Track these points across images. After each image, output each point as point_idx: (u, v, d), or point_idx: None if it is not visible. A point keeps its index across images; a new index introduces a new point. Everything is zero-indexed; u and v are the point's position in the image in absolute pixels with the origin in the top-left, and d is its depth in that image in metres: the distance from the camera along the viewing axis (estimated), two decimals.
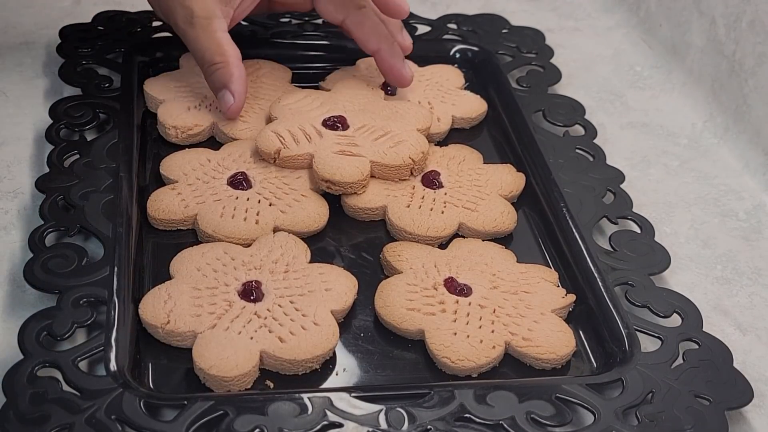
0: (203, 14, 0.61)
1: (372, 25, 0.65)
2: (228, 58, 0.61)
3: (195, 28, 0.61)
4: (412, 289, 0.53)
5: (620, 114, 0.73)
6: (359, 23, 0.65)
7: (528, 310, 0.53)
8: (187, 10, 0.61)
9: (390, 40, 0.65)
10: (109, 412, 0.45)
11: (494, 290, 0.54)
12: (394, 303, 0.53)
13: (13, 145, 0.63)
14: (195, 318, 0.50)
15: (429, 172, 0.62)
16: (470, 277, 0.55)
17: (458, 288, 0.54)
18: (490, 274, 0.55)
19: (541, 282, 0.55)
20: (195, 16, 0.61)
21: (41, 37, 0.74)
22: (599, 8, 0.87)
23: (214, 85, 0.62)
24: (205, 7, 0.61)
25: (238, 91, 0.61)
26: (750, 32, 0.69)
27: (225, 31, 0.62)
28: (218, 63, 0.61)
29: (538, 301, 0.54)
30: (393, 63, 0.65)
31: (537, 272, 0.56)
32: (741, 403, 0.49)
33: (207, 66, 0.61)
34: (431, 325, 0.51)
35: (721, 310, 0.57)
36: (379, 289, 0.53)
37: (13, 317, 0.51)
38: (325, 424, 0.45)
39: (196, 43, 0.61)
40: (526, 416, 0.46)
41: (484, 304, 0.53)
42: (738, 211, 0.65)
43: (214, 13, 0.61)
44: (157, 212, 0.57)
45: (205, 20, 0.61)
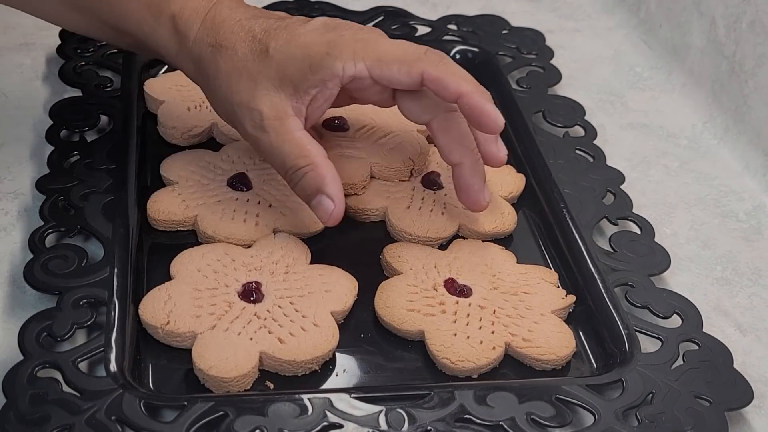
0: (274, 115, 0.53)
1: (459, 134, 0.55)
2: (314, 159, 0.53)
3: (268, 133, 0.53)
4: (412, 290, 0.53)
5: (620, 115, 0.73)
6: (446, 129, 0.55)
7: (528, 310, 0.53)
8: (255, 113, 0.53)
9: (475, 155, 0.56)
10: (109, 412, 0.45)
11: (494, 291, 0.54)
12: (394, 304, 0.53)
13: (14, 145, 0.63)
14: (195, 319, 0.50)
15: (429, 173, 0.62)
16: (470, 278, 0.55)
17: (458, 289, 0.54)
18: (490, 275, 0.55)
19: (541, 283, 0.55)
20: (265, 118, 0.53)
21: (41, 38, 0.74)
22: (599, 9, 0.87)
23: (304, 192, 0.54)
24: (274, 107, 0.53)
25: (336, 194, 0.53)
26: (750, 33, 0.69)
27: (302, 130, 0.53)
28: (303, 167, 0.53)
29: (538, 302, 0.54)
30: (471, 183, 0.56)
31: (537, 273, 0.56)
32: (741, 403, 0.49)
33: (290, 172, 0.53)
34: (431, 326, 0.51)
35: (721, 311, 0.57)
36: (379, 290, 0.53)
37: (13, 318, 0.51)
38: (325, 425, 0.45)
39: (271, 149, 0.53)
40: (526, 417, 0.46)
41: (484, 304, 0.53)
42: (738, 212, 0.65)
43: (286, 111, 0.53)
44: (158, 213, 0.57)
45: (277, 121, 0.53)
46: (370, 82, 0.53)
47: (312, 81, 0.52)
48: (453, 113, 0.55)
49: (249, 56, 0.53)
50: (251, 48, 0.53)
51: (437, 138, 0.56)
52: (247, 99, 0.53)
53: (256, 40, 0.53)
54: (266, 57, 0.53)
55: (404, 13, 0.79)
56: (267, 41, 0.53)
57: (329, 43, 0.52)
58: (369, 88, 0.54)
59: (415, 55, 0.53)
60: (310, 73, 0.52)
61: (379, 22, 0.77)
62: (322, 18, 0.55)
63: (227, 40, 0.54)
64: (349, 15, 0.78)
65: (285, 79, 0.53)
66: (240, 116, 0.54)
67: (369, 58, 0.52)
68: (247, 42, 0.53)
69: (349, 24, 0.54)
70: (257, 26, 0.54)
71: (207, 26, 0.54)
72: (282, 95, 0.53)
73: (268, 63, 0.53)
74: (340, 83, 0.53)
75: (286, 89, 0.53)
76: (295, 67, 0.52)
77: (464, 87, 0.52)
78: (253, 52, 0.53)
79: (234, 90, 0.53)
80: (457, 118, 0.55)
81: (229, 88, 0.54)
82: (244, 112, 0.53)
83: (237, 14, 0.55)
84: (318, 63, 0.52)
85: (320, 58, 0.52)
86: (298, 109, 0.53)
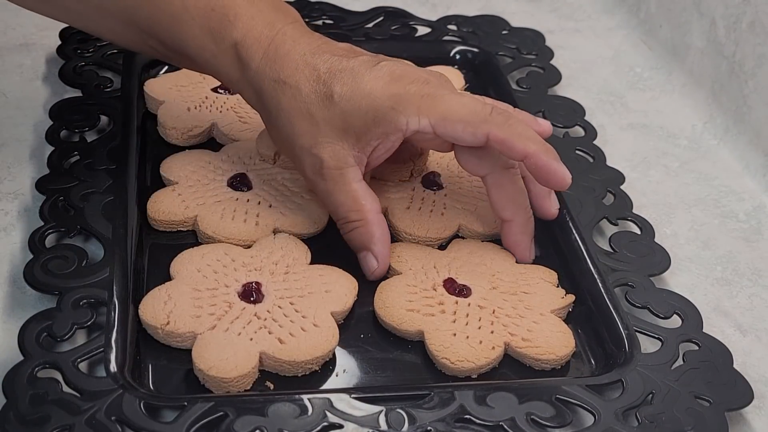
0: (334, 164, 0.53)
1: (514, 192, 0.55)
2: (366, 215, 0.54)
3: (326, 180, 0.53)
4: (412, 290, 0.53)
5: (620, 115, 0.73)
6: (501, 185, 0.55)
7: (527, 310, 0.53)
8: (316, 159, 0.53)
9: (527, 213, 0.56)
10: (109, 413, 0.45)
11: (493, 291, 0.54)
12: (393, 304, 0.53)
13: (14, 146, 0.63)
14: (195, 319, 0.50)
15: (429, 174, 0.62)
16: (469, 278, 0.55)
17: (457, 289, 0.54)
18: (489, 274, 0.55)
19: (541, 282, 0.55)
20: (325, 167, 0.53)
21: (41, 39, 0.74)
22: (599, 9, 0.87)
23: (353, 244, 0.55)
24: (335, 156, 0.53)
25: (381, 254, 0.54)
26: (750, 33, 0.69)
27: (360, 181, 0.54)
28: (355, 222, 0.54)
29: (538, 301, 0.54)
30: (520, 240, 0.56)
31: (536, 273, 0.56)
32: (741, 404, 0.49)
33: (342, 222, 0.55)
34: (430, 326, 0.51)
35: (721, 312, 0.57)
36: (379, 290, 0.54)
37: (13, 318, 0.51)
38: (325, 425, 0.45)
39: (327, 196, 0.54)
40: (526, 417, 0.46)
41: (483, 304, 0.53)
42: (738, 212, 0.65)
43: (347, 161, 0.53)
44: (158, 213, 0.57)
45: (337, 171, 0.53)
46: (432, 136, 0.53)
47: (375, 133, 0.53)
48: (509, 170, 0.55)
49: (312, 98, 0.53)
50: (315, 90, 0.53)
51: (491, 193, 0.56)
52: (309, 144, 0.53)
53: (321, 81, 0.53)
54: (331, 102, 0.53)
55: (404, 14, 0.79)
56: (331, 85, 0.53)
57: (394, 97, 0.52)
58: (430, 140, 0.54)
59: (480, 116, 0.53)
60: (374, 126, 0.53)
61: (379, 23, 0.77)
62: (388, 64, 0.54)
63: (291, 78, 0.53)
64: (350, 15, 0.78)
65: (349, 130, 0.53)
66: (301, 158, 0.54)
67: (434, 116, 0.52)
68: (311, 82, 0.53)
69: (415, 74, 0.54)
70: (322, 65, 0.53)
71: (270, 57, 0.54)
72: (344, 145, 0.53)
73: (332, 109, 0.53)
74: (402, 137, 0.53)
75: (349, 139, 0.53)
76: (359, 119, 0.52)
77: (531, 148, 0.52)
78: (317, 95, 0.53)
79: (297, 131, 0.53)
80: (513, 176, 0.55)
81: (291, 128, 0.54)
82: (305, 156, 0.54)
83: (301, 47, 0.54)
84: (382, 117, 0.52)
85: (384, 113, 0.52)
86: (359, 158, 0.54)
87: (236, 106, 0.66)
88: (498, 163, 0.55)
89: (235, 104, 0.66)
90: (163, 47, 0.56)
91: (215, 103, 0.66)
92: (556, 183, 0.53)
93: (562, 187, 0.54)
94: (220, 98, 0.67)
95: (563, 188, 0.54)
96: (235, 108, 0.66)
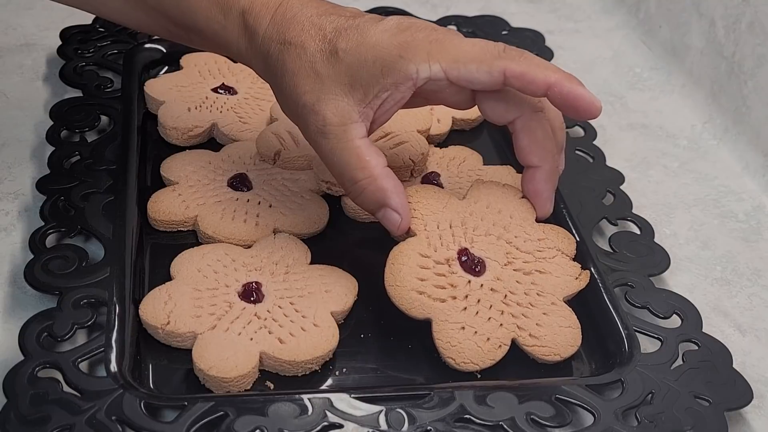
0: (337, 121, 0.51)
1: (543, 136, 0.53)
2: (372, 171, 0.51)
3: (328, 139, 0.51)
4: (424, 264, 0.52)
5: (620, 115, 0.74)
6: (529, 129, 0.53)
7: (539, 297, 0.52)
8: (318, 117, 0.51)
9: (554, 160, 0.54)
10: (109, 413, 0.45)
11: (507, 268, 0.53)
12: (404, 283, 0.51)
13: (14, 146, 0.63)
14: (195, 319, 0.50)
15: (429, 174, 0.62)
16: (485, 247, 0.53)
17: (472, 264, 0.52)
18: (506, 242, 0.54)
19: (558, 256, 0.54)
20: (327, 123, 0.51)
21: (42, 39, 0.74)
22: (599, 10, 0.87)
23: (367, 206, 0.52)
24: (338, 112, 0.51)
25: (400, 205, 0.52)
26: (749, 34, 0.69)
27: (364, 137, 0.51)
28: (362, 180, 0.51)
29: (551, 286, 0.53)
30: (543, 189, 0.54)
31: (555, 240, 0.54)
32: (740, 404, 0.49)
33: (349, 185, 0.52)
34: (439, 315, 0.50)
35: (720, 311, 0.57)
36: (390, 260, 0.52)
37: (13, 318, 0.51)
38: (326, 425, 0.45)
39: (331, 156, 0.52)
40: (525, 417, 0.46)
41: (495, 287, 0.52)
42: (737, 212, 0.65)
43: (351, 117, 0.51)
44: (158, 213, 0.57)
45: (340, 128, 0.51)
46: (446, 83, 0.51)
47: (383, 84, 0.51)
48: (538, 113, 0.53)
49: (318, 56, 0.51)
50: (320, 48, 0.51)
51: (519, 138, 0.53)
52: (312, 101, 0.51)
53: (326, 39, 0.51)
54: (336, 59, 0.51)
55: (404, 14, 0.79)
56: (337, 42, 0.51)
57: (402, 45, 0.50)
58: (445, 89, 0.52)
59: (493, 53, 0.51)
60: (382, 76, 0.50)
61: None
62: (394, 17, 0.52)
63: (296, 38, 0.51)
64: None
65: (355, 84, 0.51)
66: (303, 118, 0.52)
67: (445, 60, 0.50)
68: (317, 41, 0.51)
69: (423, 24, 0.52)
70: (328, 25, 0.52)
71: (277, 21, 0.52)
72: (350, 100, 0.51)
73: (337, 66, 0.51)
74: (413, 86, 0.51)
75: (356, 94, 0.51)
76: (365, 71, 0.50)
77: (552, 77, 0.50)
78: (322, 53, 0.51)
79: (300, 90, 0.51)
80: (541, 119, 0.53)
81: (295, 88, 0.52)
82: (307, 115, 0.51)
83: (308, 10, 0.52)
84: (390, 66, 0.50)
85: (392, 61, 0.50)
86: (366, 113, 0.51)
87: (236, 107, 0.66)
88: (525, 105, 0.52)
89: (235, 104, 0.67)
90: (172, 24, 0.55)
91: (215, 103, 0.66)
92: (585, 110, 0.50)
93: (593, 115, 0.50)
94: (221, 98, 0.67)
95: (594, 116, 0.51)
96: (235, 108, 0.66)
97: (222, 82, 0.68)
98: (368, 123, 0.52)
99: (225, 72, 0.70)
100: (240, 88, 0.68)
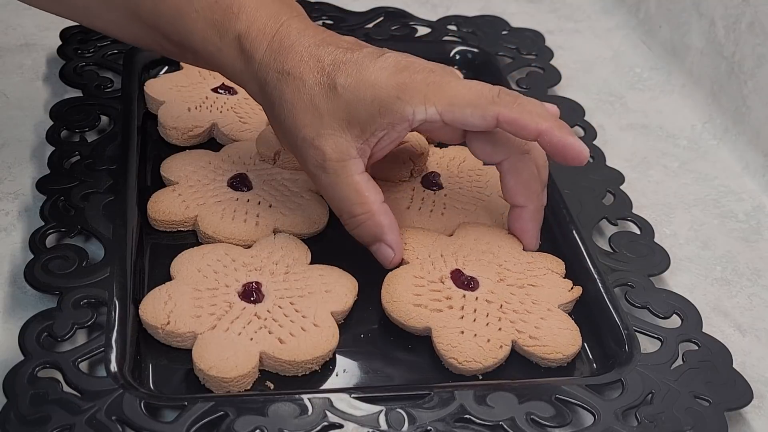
0: (336, 157, 0.52)
1: (528, 178, 0.54)
2: (371, 206, 0.53)
3: (328, 173, 0.52)
4: (419, 283, 0.53)
5: (620, 115, 0.74)
6: (516, 171, 0.54)
7: (534, 305, 0.53)
8: (318, 152, 0.52)
9: (539, 199, 0.56)
10: (109, 413, 0.45)
11: (501, 283, 0.54)
12: (400, 298, 0.52)
13: (14, 146, 0.63)
14: (195, 319, 0.50)
15: (429, 174, 0.62)
16: (477, 269, 0.54)
17: (465, 281, 0.53)
18: (497, 264, 0.55)
19: (548, 273, 0.55)
20: (327, 159, 0.52)
21: (42, 39, 0.74)
22: (599, 10, 0.87)
23: (364, 238, 0.54)
24: (338, 148, 0.52)
25: (394, 242, 0.54)
26: (749, 34, 0.69)
27: (363, 173, 0.53)
28: (360, 215, 0.53)
29: (545, 295, 0.54)
30: (529, 228, 0.56)
31: (543, 262, 0.56)
32: (740, 404, 0.49)
33: (347, 218, 0.54)
34: (438, 323, 0.51)
35: (720, 311, 0.57)
36: (386, 282, 0.53)
37: (13, 318, 0.51)
38: (326, 425, 0.45)
39: (330, 190, 0.53)
40: (525, 417, 0.46)
41: (490, 299, 0.53)
42: (737, 212, 0.65)
43: (349, 153, 0.52)
44: (158, 213, 0.57)
45: (339, 164, 0.52)
46: (441, 124, 0.52)
47: (380, 124, 0.52)
48: (525, 155, 0.54)
49: (316, 90, 0.52)
50: (319, 81, 0.52)
51: (505, 179, 0.55)
52: (311, 136, 0.52)
53: (325, 72, 0.52)
54: (334, 94, 0.52)
55: (404, 14, 0.79)
56: (336, 76, 0.52)
57: (399, 87, 0.51)
58: (439, 129, 0.53)
59: (488, 98, 0.52)
60: (379, 116, 0.51)
61: (379, 23, 0.77)
62: (393, 55, 0.53)
63: (295, 69, 0.52)
64: (350, 16, 0.78)
65: (353, 121, 0.52)
66: (303, 151, 0.53)
67: (441, 103, 0.51)
68: (315, 73, 0.52)
69: (420, 64, 0.53)
70: (326, 57, 0.52)
71: (274, 49, 0.53)
72: (348, 136, 0.52)
73: (336, 101, 0.52)
74: (409, 127, 0.52)
75: (353, 130, 0.52)
76: (363, 109, 0.51)
77: (543, 125, 0.51)
78: (321, 86, 0.52)
79: (299, 124, 0.52)
80: (527, 161, 0.54)
81: (293, 120, 0.52)
82: (307, 149, 0.52)
83: (305, 40, 0.53)
84: (387, 107, 0.51)
85: (390, 102, 0.51)
86: (363, 150, 0.52)
87: (236, 107, 0.66)
88: (513, 147, 0.54)
89: (235, 104, 0.66)
90: (167, 41, 0.56)
91: (215, 103, 0.66)
92: (573, 158, 0.52)
93: (581, 162, 0.52)
94: (221, 98, 0.67)
95: (581, 163, 0.52)
96: (235, 108, 0.66)
97: (222, 82, 0.68)
98: (365, 159, 0.53)
99: None
100: (240, 88, 0.68)
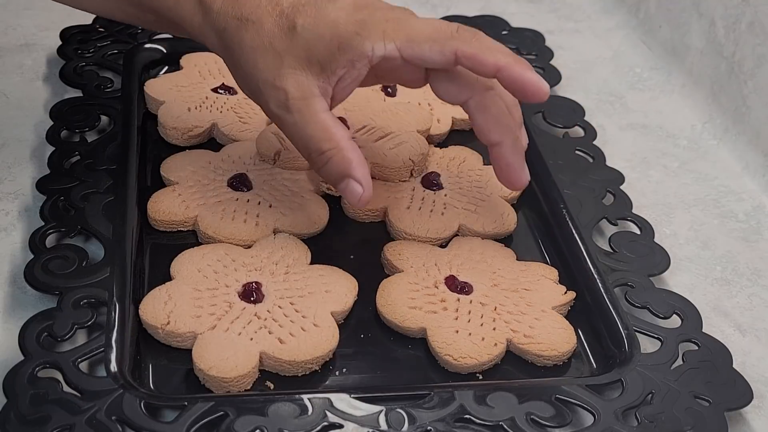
0: (299, 94, 0.51)
1: (498, 113, 0.53)
2: (338, 142, 0.52)
3: (291, 113, 0.51)
4: (414, 288, 0.54)
5: (620, 115, 0.74)
6: (483, 108, 0.53)
7: (528, 307, 0.53)
8: (280, 92, 0.51)
9: (514, 133, 0.54)
10: (109, 412, 0.45)
11: (495, 288, 0.54)
12: (395, 302, 0.53)
13: (14, 146, 0.63)
14: (195, 319, 0.50)
15: (429, 174, 0.62)
16: (471, 276, 0.55)
17: (459, 286, 0.54)
18: (491, 272, 0.55)
19: (541, 279, 0.55)
20: (290, 97, 0.51)
21: (42, 39, 0.74)
22: (599, 10, 0.87)
23: (330, 176, 0.53)
24: (300, 86, 0.51)
25: (363, 177, 0.52)
26: (749, 34, 0.69)
27: (327, 111, 0.52)
28: (328, 151, 0.52)
29: (539, 298, 0.54)
30: (512, 161, 0.55)
31: (537, 270, 0.56)
32: (740, 404, 0.49)
33: (314, 155, 0.52)
34: (433, 323, 0.52)
35: (720, 311, 0.57)
36: (381, 288, 0.54)
37: (13, 318, 0.51)
38: (326, 425, 0.45)
39: (295, 129, 0.52)
40: (525, 417, 0.46)
41: (485, 302, 0.53)
42: (738, 212, 0.65)
43: (312, 91, 0.51)
44: (158, 213, 0.57)
45: (303, 102, 0.51)
46: (400, 62, 0.51)
47: (340, 61, 0.51)
48: (490, 92, 0.53)
49: (275, 32, 0.51)
50: (278, 23, 0.51)
51: (475, 118, 0.54)
52: (272, 77, 0.51)
53: (284, 15, 0.51)
54: (293, 34, 0.51)
55: None
56: (294, 17, 0.51)
57: (359, 23, 0.51)
58: (400, 68, 0.52)
59: (447, 33, 0.51)
60: (339, 53, 0.51)
61: None
62: None
63: (253, 14, 0.52)
64: None
65: (312, 59, 0.51)
66: (264, 94, 0.52)
67: (399, 39, 0.51)
68: (273, 16, 0.51)
69: (379, 3, 0.53)
70: (285, 1, 0.52)
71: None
72: (308, 75, 0.51)
73: (295, 41, 0.51)
74: (369, 64, 0.51)
75: (313, 69, 0.51)
76: (323, 47, 0.51)
77: (501, 60, 0.50)
78: (280, 28, 0.51)
79: (259, 67, 0.52)
80: (494, 97, 0.53)
81: (254, 64, 0.52)
82: (269, 90, 0.52)
83: None
84: (347, 43, 0.51)
85: (349, 38, 0.51)
86: (325, 89, 0.52)
87: (236, 107, 0.66)
88: (477, 86, 0.53)
89: (235, 104, 0.66)
90: (127, 4, 0.55)
91: (215, 103, 0.66)
92: (533, 94, 0.51)
93: (540, 98, 0.51)
94: (221, 98, 0.67)
95: (541, 99, 0.51)
96: (235, 108, 0.66)
97: (222, 82, 0.68)
98: (328, 99, 0.52)
99: (225, 72, 0.69)
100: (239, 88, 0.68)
